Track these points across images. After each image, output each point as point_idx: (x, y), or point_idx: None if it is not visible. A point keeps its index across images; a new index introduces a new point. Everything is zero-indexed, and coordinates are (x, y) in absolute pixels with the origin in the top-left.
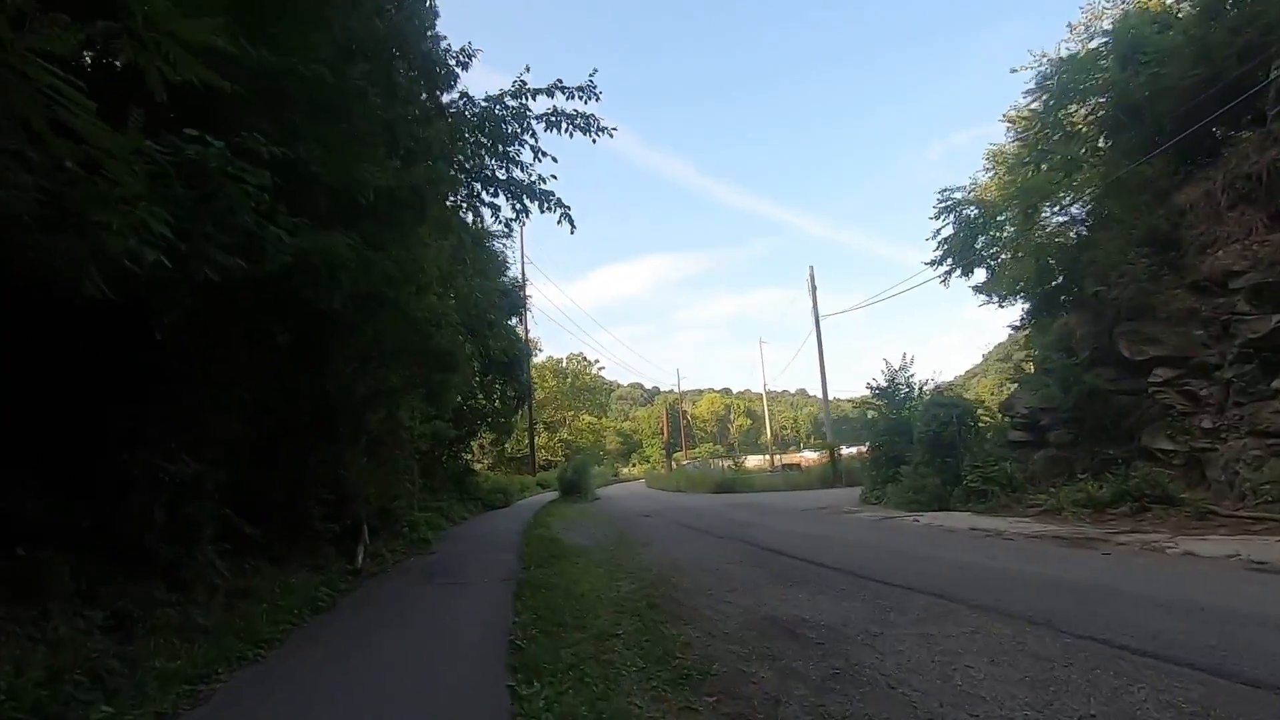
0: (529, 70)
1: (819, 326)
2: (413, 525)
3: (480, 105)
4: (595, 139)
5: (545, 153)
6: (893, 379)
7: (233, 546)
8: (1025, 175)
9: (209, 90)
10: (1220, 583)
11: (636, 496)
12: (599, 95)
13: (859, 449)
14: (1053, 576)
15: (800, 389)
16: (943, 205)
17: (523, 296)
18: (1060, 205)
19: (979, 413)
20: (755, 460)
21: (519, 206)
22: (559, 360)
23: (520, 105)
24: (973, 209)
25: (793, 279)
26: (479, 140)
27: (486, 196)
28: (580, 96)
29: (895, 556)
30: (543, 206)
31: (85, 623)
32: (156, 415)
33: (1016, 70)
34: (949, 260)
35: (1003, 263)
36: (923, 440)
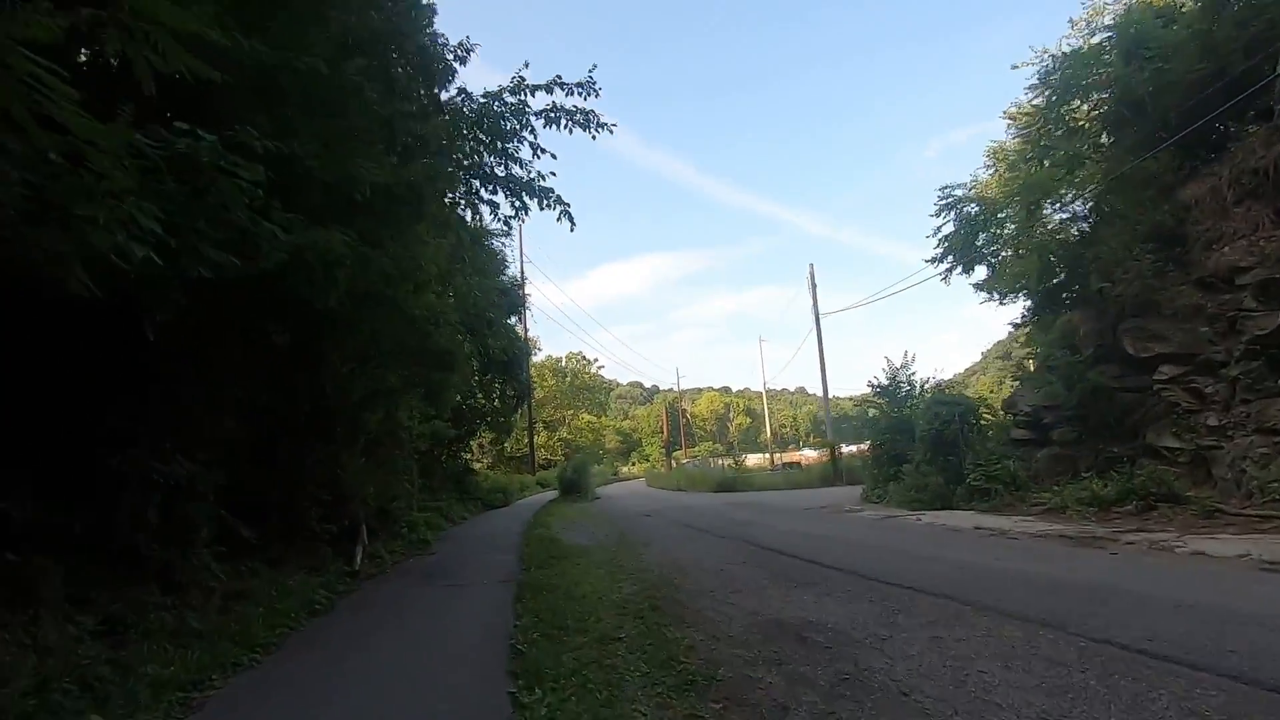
0: (527, 66)
1: (819, 324)
2: (411, 526)
3: (479, 102)
4: (595, 135)
5: (544, 149)
6: (894, 377)
7: (228, 549)
8: (1028, 171)
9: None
10: (1233, 583)
11: (636, 495)
12: (598, 91)
13: (859, 447)
14: (1061, 577)
15: (800, 387)
16: (943, 202)
17: (522, 295)
18: (1061, 202)
19: (981, 411)
20: (755, 459)
21: (518, 204)
22: (558, 359)
23: (519, 102)
24: (973, 206)
25: (792, 277)
26: (477, 137)
27: (485, 194)
28: (580, 93)
29: (900, 556)
30: (542, 204)
31: (76, 628)
32: (150, 416)
33: (1017, 66)
34: (950, 257)
35: (1004, 260)
36: (925, 438)
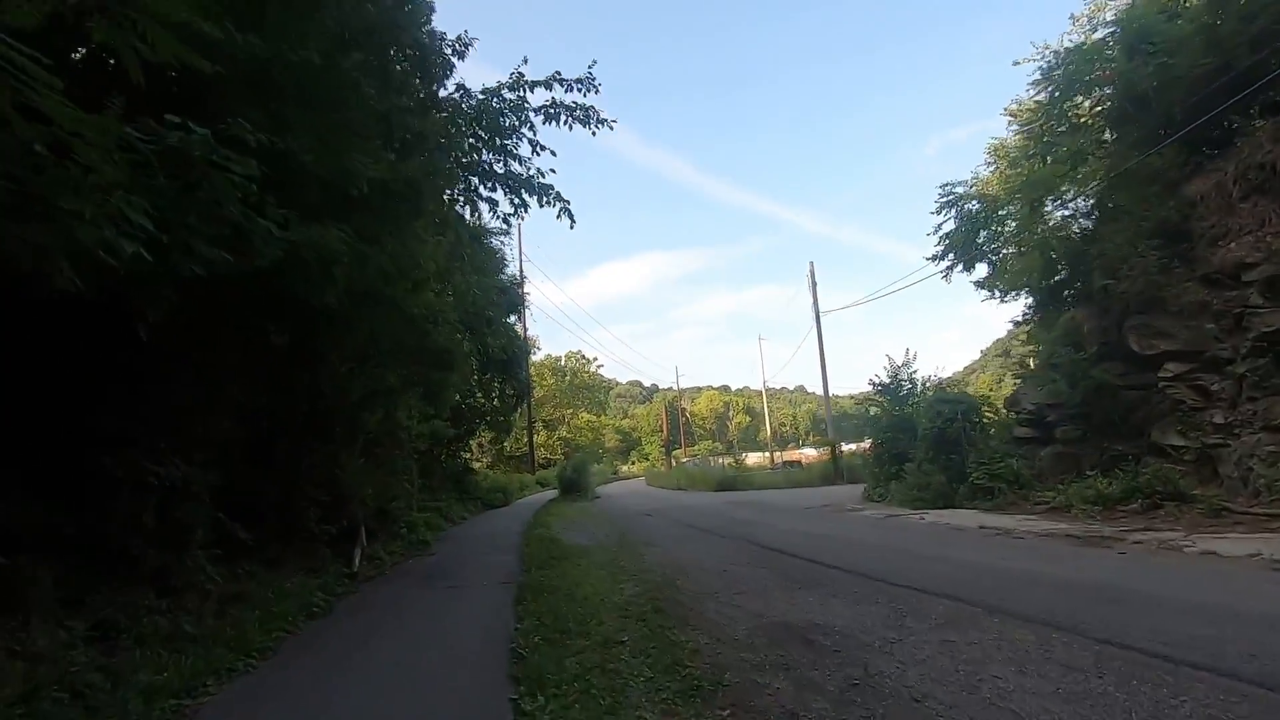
0: (526, 62)
1: (819, 322)
2: (411, 526)
3: (477, 98)
4: (595, 131)
5: (544, 146)
6: (896, 375)
7: (225, 551)
8: (1030, 168)
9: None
10: (1246, 584)
11: (637, 495)
12: (598, 88)
13: (858, 446)
14: (1071, 577)
15: (799, 386)
16: (944, 200)
17: (521, 294)
18: (1062, 200)
19: (983, 409)
20: (755, 457)
21: (517, 201)
22: (557, 358)
23: (518, 98)
24: (975, 203)
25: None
26: (476, 134)
27: (484, 191)
28: (579, 89)
29: (905, 556)
30: (541, 201)
31: (67, 634)
32: (145, 416)
33: (1019, 63)
34: (951, 255)
35: (1005, 257)
36: (927, 437)
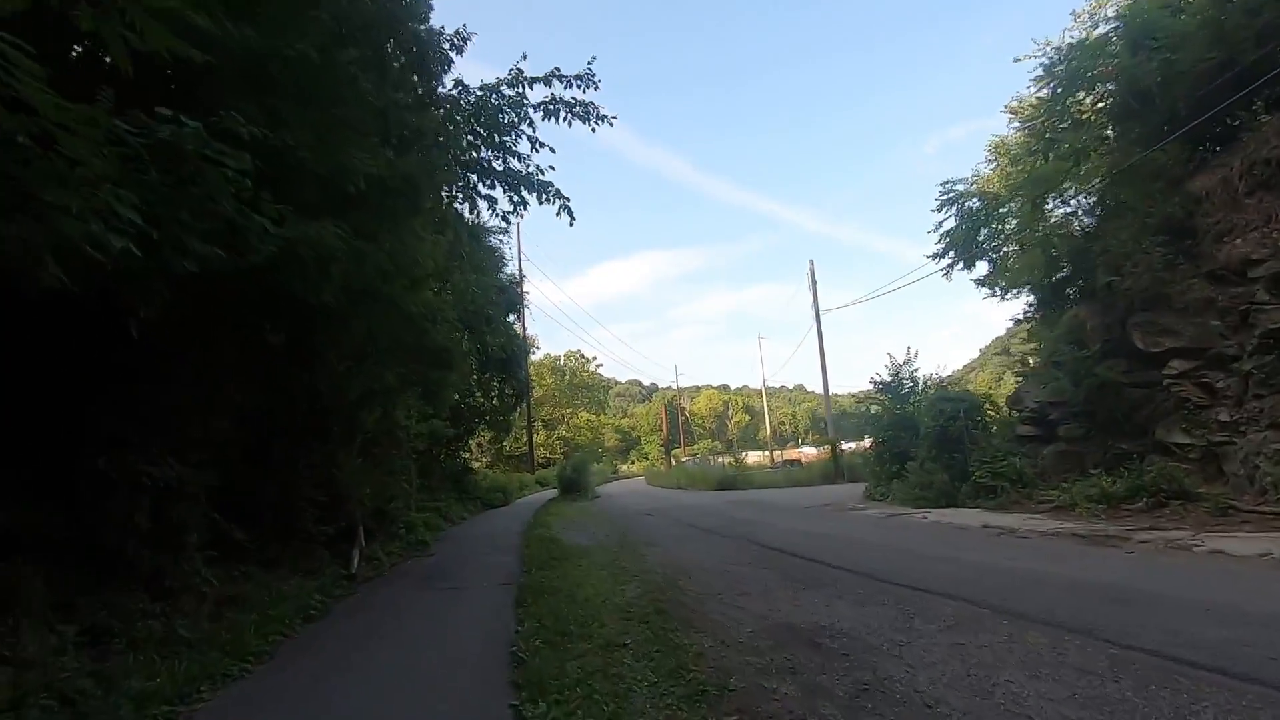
0: (525, 58)
1: (819, 321)
2: (410, 526)
3: (475, 94)
4: (595, 127)
5: (543, 143)
6: (897, 373)
7: (221, 552)
8: (1033, 164)
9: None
10: (1258, 584)
11: (637, 494)
12: (598, 84)
13: (858, 444)
14: (1079, 577)
15: (798, 385)
16: (945, 198)
17: (520, 293)
18: (1063, 197)
19: (985, 407)
20: (754, 456)
21: (516, 198)
22: (556, 357)
23: (517, 94)
24: (975, 201)
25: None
26: (475, 130)
27: (483, 189)
28: (579, 85)
29: (910, 557)
30: (541, 198)
31: (58, 638)
32: (140, 416)
33: (1020, 59)
34: (951, 253)
35: (1005, 255)
36: (929, 435)
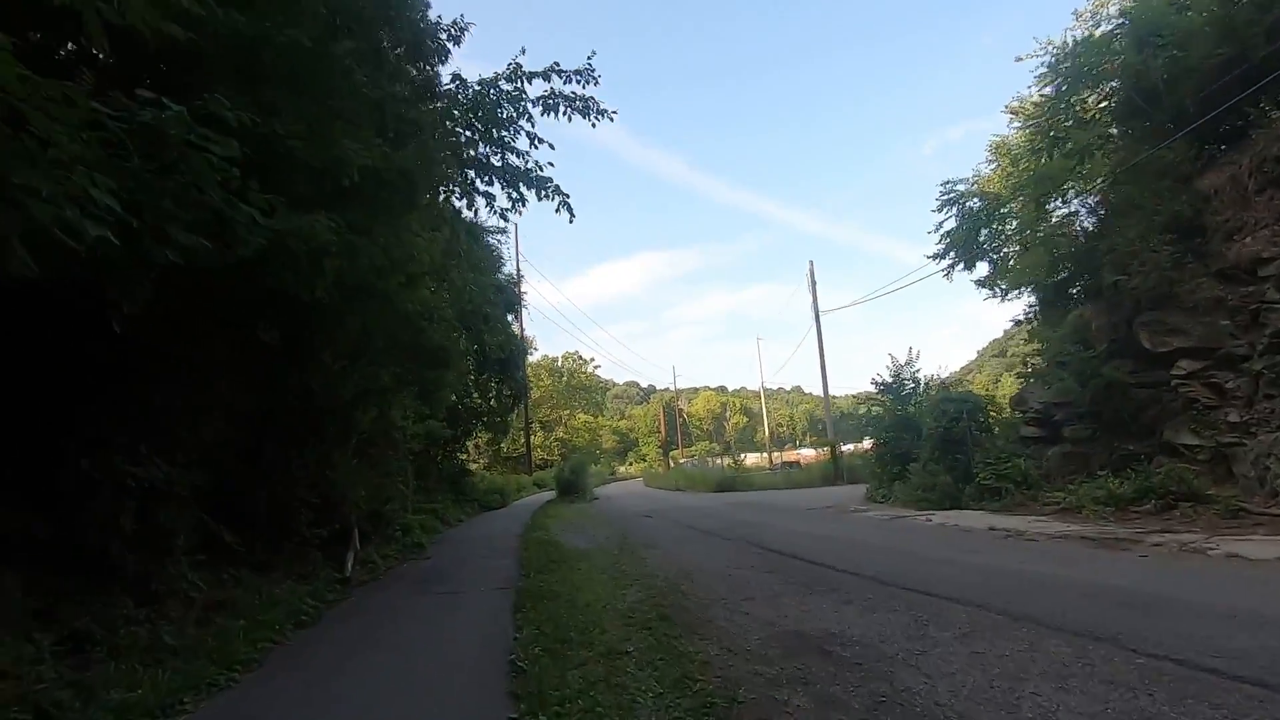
0: (524, 53)
1: (819, 322)
2: (406, 529)
3: (473, 89)
4: (595, 123)
5: (542, 139)
6: (898, 374)
7: (210, 555)
8: (1035, 163)
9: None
10: (1279, 589)
11: (635, 496)
12: (597, 79)
13: (857, 446)
14: (1094, 582)
15: (796, 386)
16: (945, 198)
17: (518, 293)
18: (1063, 198)
19: (988, 408)
20: (753, 458)
21: (515, 195)
22: (554, 359)
23: (516, 89)
24: (976, 201)
25: (788, 275)
26: (472, 124)
27: (481, 185)
28: (578, 80)
29: (916, 560)
30: (540, 194)
31: (35, 647)
32: (124, 415)
33: (1022, 59)
34: (952, 253)
35: (1006, 255)
36: (932, 436)
